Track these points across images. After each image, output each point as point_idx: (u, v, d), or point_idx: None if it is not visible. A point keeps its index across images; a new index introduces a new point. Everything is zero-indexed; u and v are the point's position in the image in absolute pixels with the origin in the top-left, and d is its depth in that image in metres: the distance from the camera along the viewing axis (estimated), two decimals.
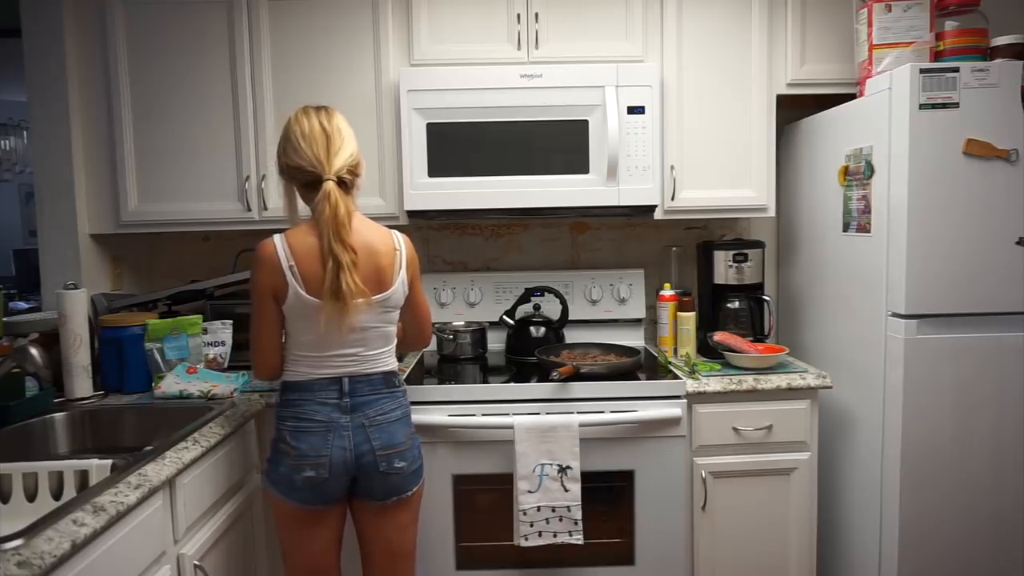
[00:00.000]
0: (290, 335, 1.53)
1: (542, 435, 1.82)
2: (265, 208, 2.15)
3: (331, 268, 1.42)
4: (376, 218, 2.13)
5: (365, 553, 1.63)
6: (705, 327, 2.24)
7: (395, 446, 1.53)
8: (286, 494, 1.49)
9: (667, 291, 2.29)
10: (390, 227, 1.62)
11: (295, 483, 1.47)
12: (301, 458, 1.46)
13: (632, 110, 2.07)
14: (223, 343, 2.08)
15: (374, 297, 1.50)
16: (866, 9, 2.02)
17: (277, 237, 1.48)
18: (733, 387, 1.93)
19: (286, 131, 1.52)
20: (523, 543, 1.84)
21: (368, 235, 1.52)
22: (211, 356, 2.05)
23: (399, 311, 1.59)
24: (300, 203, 1.56)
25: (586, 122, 2.07)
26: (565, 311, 2.28)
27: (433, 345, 2.36)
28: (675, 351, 2.26)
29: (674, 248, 2.49)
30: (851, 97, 2.12)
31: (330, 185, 1.45)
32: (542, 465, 1.83)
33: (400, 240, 1.59)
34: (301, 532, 1.53)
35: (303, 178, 1.49)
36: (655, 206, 2.14)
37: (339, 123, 1.52)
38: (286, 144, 1.51)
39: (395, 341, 1.62)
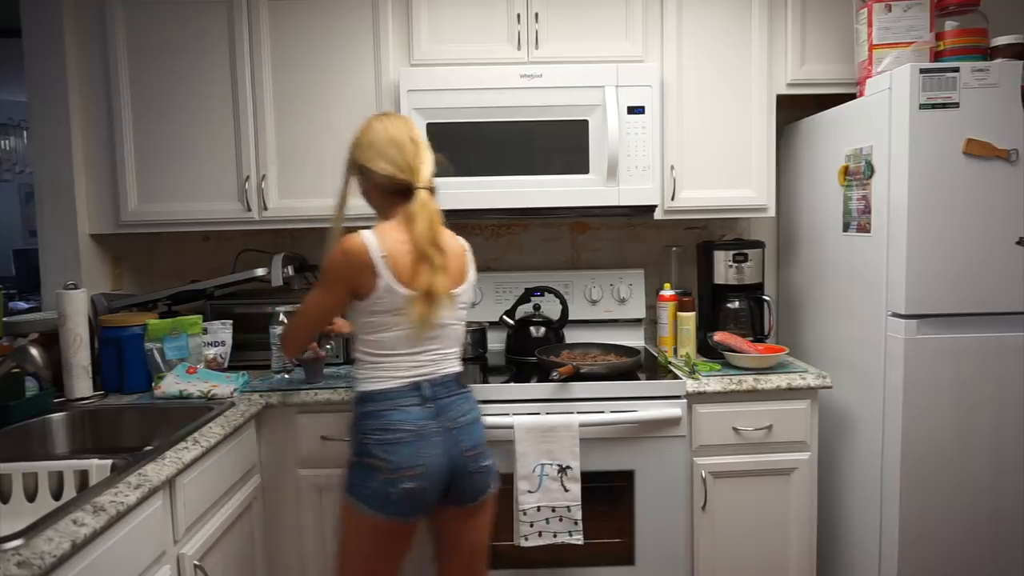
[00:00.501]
0: (367, 337, 1.50)
1: (542, 435, 1.82)
2: (265, 208, 2.15)
3: (426, 270, 1.46)
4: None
5: (446, 556, 1.62)
6: (705, 327, 2.25)
7: (479, 445, 1.55)
8: (380, 509, 1.44)
9: (667, 291, 2.29)
10: None
11: (391, 496, 1.43)
12: (397, 470, 1.43)
13: (632, 110, 2.07)
14: (223, 343, 2.08)
15: (453, 291, 1.55)
16: (866, 9, 2.02)
17: (365, 232, 1.48)
18: (733, 387, 1.93)
19: (370, 137, 1.53)
20: (523, 543, 1.84)
21: (448, 239, 1.57)
22: (211, 356, 2.05)
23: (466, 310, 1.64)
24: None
25: (586, 122, 2.07)
26: (565, 311, 2.28)
27: None
28: (675, 351, 2.26)
29: (674, 248, 2.49)
30: (851, 97, 2.12)
31: (425, 193, 1.50)
32: (542, 465, 1.83)
33: (465, 242, 1.66)
34: (381, 547, 1.49)
35: (393, 186, 1.52)
36: (655, 206, 2.14)
37: (418, 132, 1.57)
38: (371, 151, 1.52)
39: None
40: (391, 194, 1.54)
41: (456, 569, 1.62)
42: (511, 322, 2.28)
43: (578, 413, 1.85)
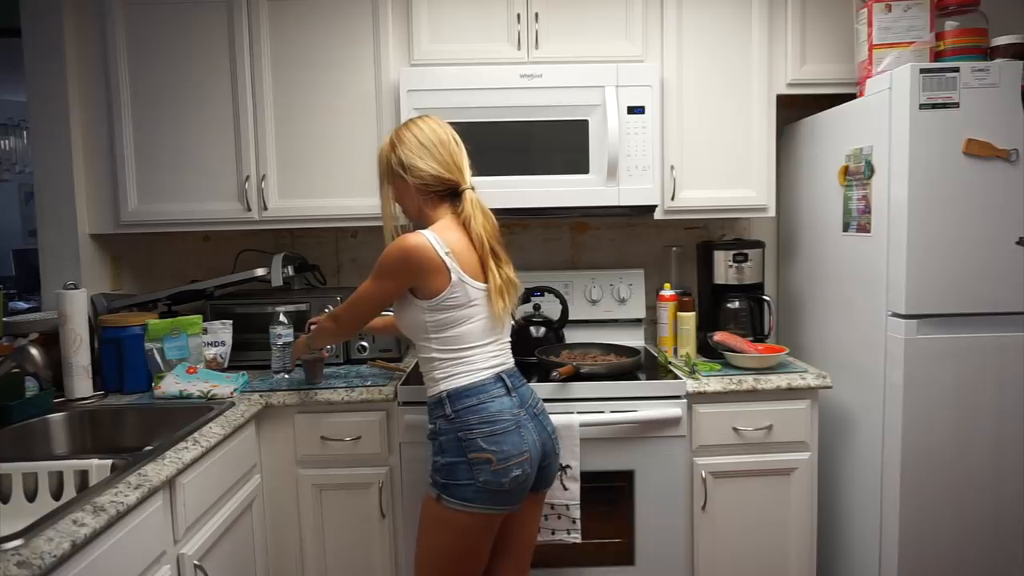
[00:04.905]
0: (443, 335, 1.50)
1: None
2: (265, 208, 2.15)
3: (493, 265, 1.52)
4: (375, 218, 2.15)
5: (506, 548, 1.62)
6: (705, 327, 2.24)
7: (555, 430, 1.61)
8: (488, 503, 1.45)
9: (667, 291, 2.29)
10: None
11: (503, 486, 1.44)
12: (506, 459, 1.44)
13: (632, 110, 2.07)
14: (223, 343, 2.08)
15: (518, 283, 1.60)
16: (866, 9, 2.02)
17: (424, 231, 1.49)
18: (733, 387, 1.93)
19: (417, 137, 1.54)
20: None
21: None
22: (211, 356, 2.05)
23: None
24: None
25: (586, 122, 2.07)
26: (565, 311, 2.27)
27: None
28: (675, 351, 2.26)
29: (674, 248, 2.49)
30: (851, 97, 2.12)
31: (473, 193, 1.55)
32: None
33: None
34: (481, 541, 1.50)
35: (441, 186, 1.54)
36: (655, 206, 2.14)
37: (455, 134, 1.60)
38: (420, 150, 1.53)
39: None
40: (432, 195, 1.55)
41: (511, 560, 1.64)
42: (511, 322, 2.27)
43: (578, 413, 1.85)
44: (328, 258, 2.55)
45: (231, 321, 2.12)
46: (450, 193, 1.56)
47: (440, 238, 1.48)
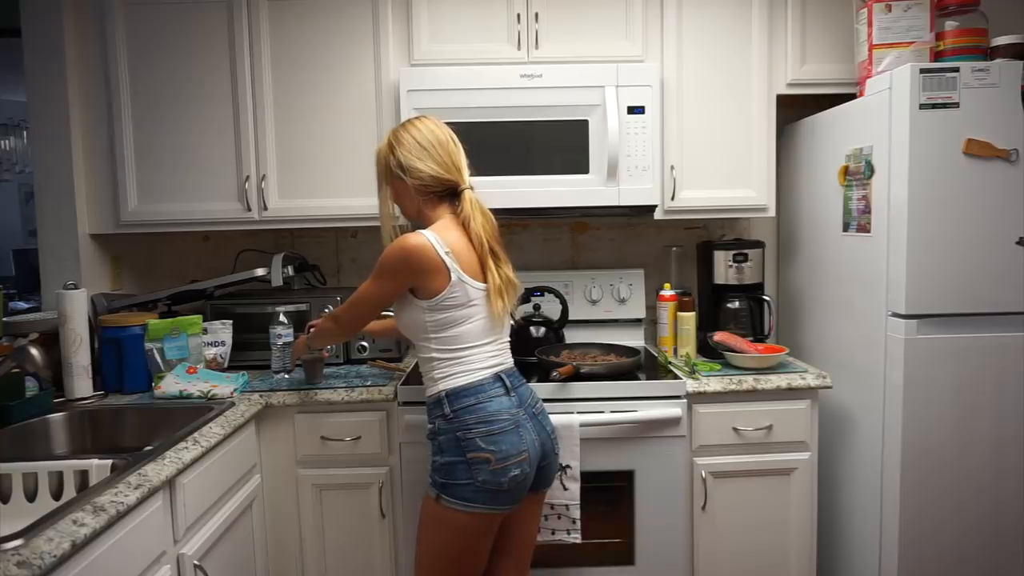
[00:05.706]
0: (443, 335, 1.50)
1: None
2: (265, 208, 2.15)
3: (493, 265, 1.52)
4: (375, 218, 2.14)
5: (506, 548, 1.62)
6: (705, 327, 2.24)
7: (555, 430, 1.61)
8: (487, 502, 1.45)
9: (667, 291, 2.29)
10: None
11: (502, 486, 1.44)
12: (505, 459, 1.44)
13: (632, 110, 2.07)
14: (223, 343, 2.08)
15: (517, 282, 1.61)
16: (866, 9, 2.02)
17: (424, 231, 1.49)
18: (733, 387, 1.93)
19: (415, 138, 1.54)
20: None
21: None
22: (211, 356, 2.05)
23: None
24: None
25: (586, 122, 2.07)
26: (565, 311, 2.27)
27: None
28: (675, 351, 2.26)
29: (674, 248, 2.49)
30: (851, 97, 2.12)
31: (472, 193, 1.55)
32: None
33: None
34: (480, 541, 1.50)
35: (440, 187, 1.55)
36: (655, 206, 2.14)
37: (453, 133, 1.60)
38: (419, 151, 1.53)
39: None
40: (432, 196, 1.56)
41: (511, 560, 1.64)
42: (511, 322, 2.27)
43: (578, 413, 1.85)
44: (328, 258, 2.56)
45: (231, 321, 2.12)
46: (449, 193, 1.57)
47: (440, 238, 1.48)
